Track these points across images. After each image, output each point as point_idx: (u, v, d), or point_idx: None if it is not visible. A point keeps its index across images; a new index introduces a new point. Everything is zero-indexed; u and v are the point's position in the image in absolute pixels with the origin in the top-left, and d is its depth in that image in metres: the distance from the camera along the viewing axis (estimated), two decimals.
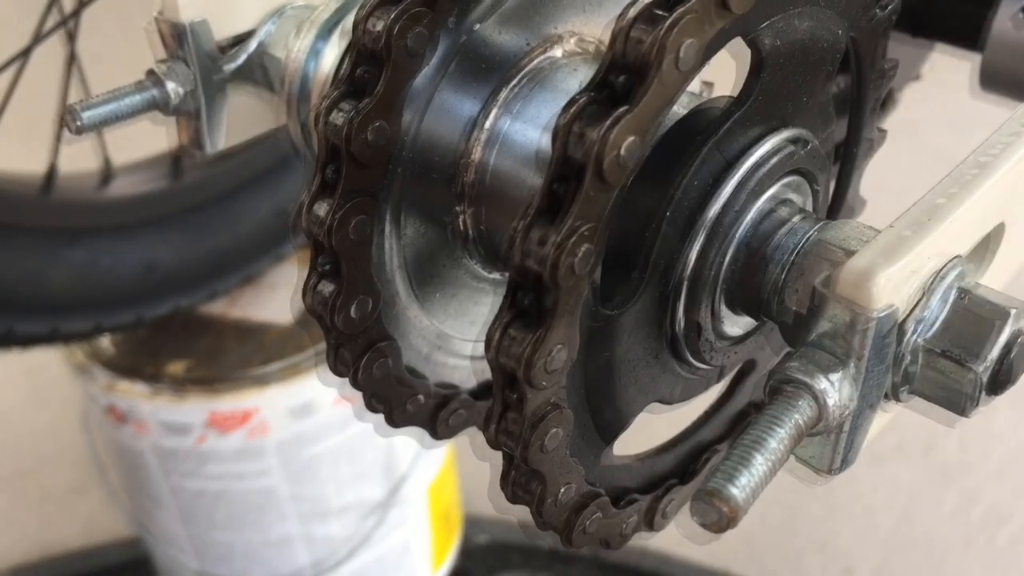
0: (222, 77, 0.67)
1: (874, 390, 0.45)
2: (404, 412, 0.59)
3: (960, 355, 0.45)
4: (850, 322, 0.43)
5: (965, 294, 0.46)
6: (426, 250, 0.57)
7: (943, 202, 0.46)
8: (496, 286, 0.61)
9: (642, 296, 0.50)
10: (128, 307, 1.26)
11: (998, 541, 1.97)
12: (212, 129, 0.68)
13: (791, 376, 0.44)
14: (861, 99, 0.59)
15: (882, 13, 0.56)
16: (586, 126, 0.42)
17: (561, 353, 0.45)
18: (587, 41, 0.58)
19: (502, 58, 0.55)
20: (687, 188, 0.49)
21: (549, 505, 0.50)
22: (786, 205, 0.52)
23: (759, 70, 0.50)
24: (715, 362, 0.54)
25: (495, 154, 0.55)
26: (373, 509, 1.50)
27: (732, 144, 0.50)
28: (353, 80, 0.51)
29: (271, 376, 1.34)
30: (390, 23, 0.49)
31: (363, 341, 0.55)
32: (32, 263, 1.16)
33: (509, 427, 0.47)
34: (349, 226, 0.52)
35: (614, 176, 0.43)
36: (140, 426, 1.37)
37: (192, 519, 1.46)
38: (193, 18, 0.64)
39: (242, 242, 1.36)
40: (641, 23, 0.43)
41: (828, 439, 0.46)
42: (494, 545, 1.92)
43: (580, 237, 0.43)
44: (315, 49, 0.64)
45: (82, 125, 0.64)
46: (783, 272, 0.50)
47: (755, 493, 0.41)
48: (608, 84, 0.43)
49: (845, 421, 0.45)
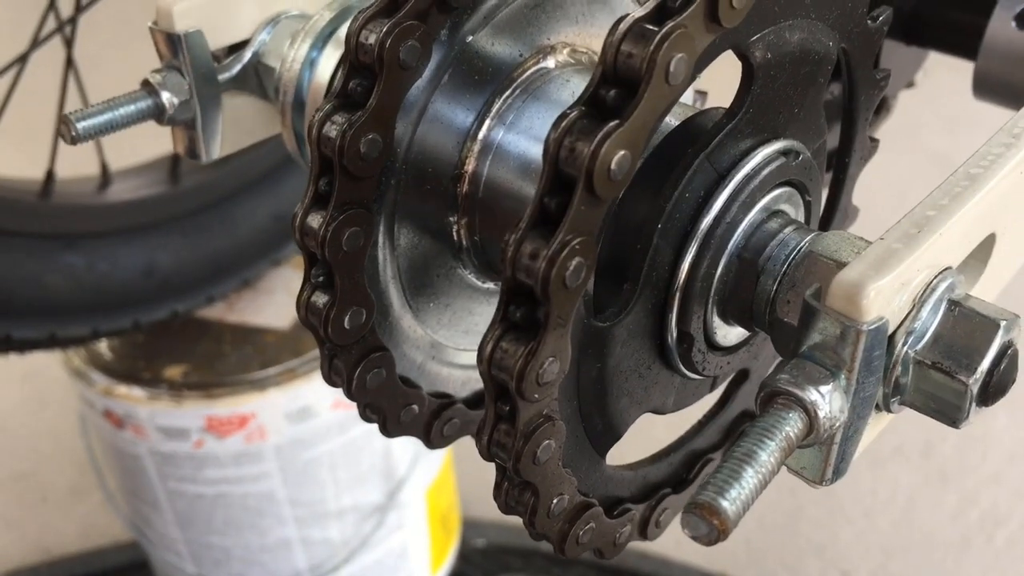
0: (217, 86, 0.67)
1: (865, 402, 0.45)
2: (398, 422, 0.59)
3: (951, 367, 0.45)
4: (840, 334, 0.44)
5: (956, 306, 0.46)
6: (420, 261, 0.57)
7: (933, 214, 0.46)
8: (490, 296, 0.61)
9: (634, 307, 0.50)
10: (126, 312, 1.27)
11: (996, 542, 1.97)
12: (208, 138, 0.68)
13: (781, 388, 0.44)
14: (854, 109, 0.59)
15: (874, 24, 0.56)
16: (577, 140, 0.42)
17: (553, 366, 0.45)
18: (580, 52, 0.58)
19: (495, 69, 0.55)
20: (679, 200, 0.49)
21: (542, 516, 0.50)
22: (778, 216, 0.52)
23: (750, 82, 0.50)
24: (708, 372, 0.55)
25: (489, 165, 0.55)
26: (371, 512, 1.50)
27: (724, 156, 0.50)
28: (346, 92, 0.51)
29: (269, 380, 1.34)
30: (383, 36, 0.49)
31: (357, 352, 0.55)
32: (29, 268, 1.16)
33: (501, 439, 0.47)
34: (342, 238, 0.52)
35: (605, 190, 0.43)
36: (138, 430, 1.37)
37: (189, 523, 1.47)
38: (188, 28, 0.64)
39: (239, 246, 1.36)
40: (631, 37, 0.43)
41: (819, 450, 0.46)
42: (492, 548, 1.92)
43: (572, 251, 0.43)
44: (310, 59, 0.64)
45: (77, 135, 0.64)
46: (775, 283, 0.51)
47: (746, 506, 0.41)
48: (599, 98, 0.44)
49: (836, 432, 0.45)
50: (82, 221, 1.23)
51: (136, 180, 1.30)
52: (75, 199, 1.24)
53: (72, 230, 1.21)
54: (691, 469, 0.61)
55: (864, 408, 0.45)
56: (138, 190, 1.29)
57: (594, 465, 0.53)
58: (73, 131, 0.64)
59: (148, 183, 1.30)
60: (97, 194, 1.26)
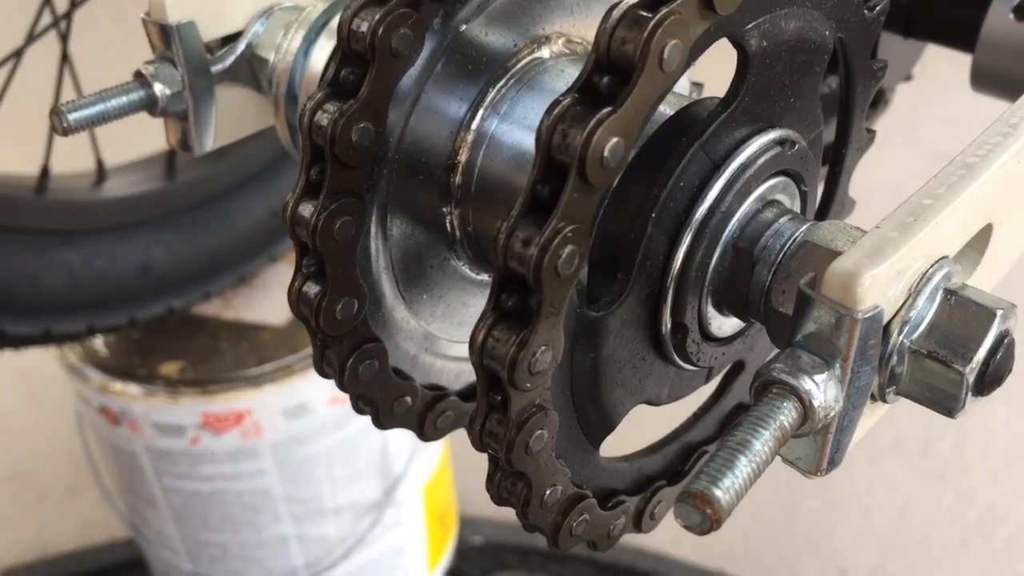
0: (210, 78, 0.66)
1: (860, 391, 0.45)
2: (391, 414, 0.59)
3: (947, 356, 0.45)
4: (836, 323, 0.43)
5: (952, 295, 0.46)
6: (413, 251, 0.57)
7: (930, 203, 0.46)
8: (484, 287, 0.60)
9: (628, 297, 0.49)
10: (121, 308, 1.26)
11: (994, 542, 1.96)
12: (201, 130, 0.68)
13: (776, 377, 0.44)
14: (850, 100, 0.59)
15: (871, 14, 0.56)
16: (570, 127, 0.42)
17: (546, 355, 0.45)
18: (574, 42, 0.58)
19: (489, 59, 0.55)
20: (673, 189, 0.49)
21: (535, 507, 0.50)
22: (773, 206, 0.52)
23: (746, 71, 0.49)
24: (703, 363, 0.54)
25: (482, 155, 0.55)
26: (368, 509, 1.50)
27: (719, 145, 0.50)
28: (338, 81, 0.51)
29: (265, 377, 1.34)
30: (375, 24, 0.49)
31: (349, 343, 0.55)
32: (25, 264, 1.15)
33: (493, 429, 0.47)
34: (334, 227, 0.51)
35: (598, 178, 0.43)
36: (134, 427, 1.37)
37: (186, 520, 1.46)
38: (180, 19, 0.64)
39: (236, 243, 1.36)
40: (625, 24, 0.43)
41: (814, 440, 0.46)
42: (489, 545, 1.91)
43: (564, 239, 0.43)
44: (303, 50, 0.64)
45: (69, 126, 0.63)
46: (770, 273, 0.50)
47: (739, 495, 0.41)
48: (592, 85, 0.43)
49: (831, 422, 0.45)
50: (77, 217, 1.23)
51: (132, 176, 1.29)
52: (70, 195, 1.23)
53: (67, 226, 1.21)
54: (686, 461, 0.61)
55: (859, 398, 0.45)
56: (134, 186, 1.28)
57: (588, 456, 0.53)
58: (65, 122, 0.63)
59: (144, 179, 1.29)
60: (93, 190, 1.26)
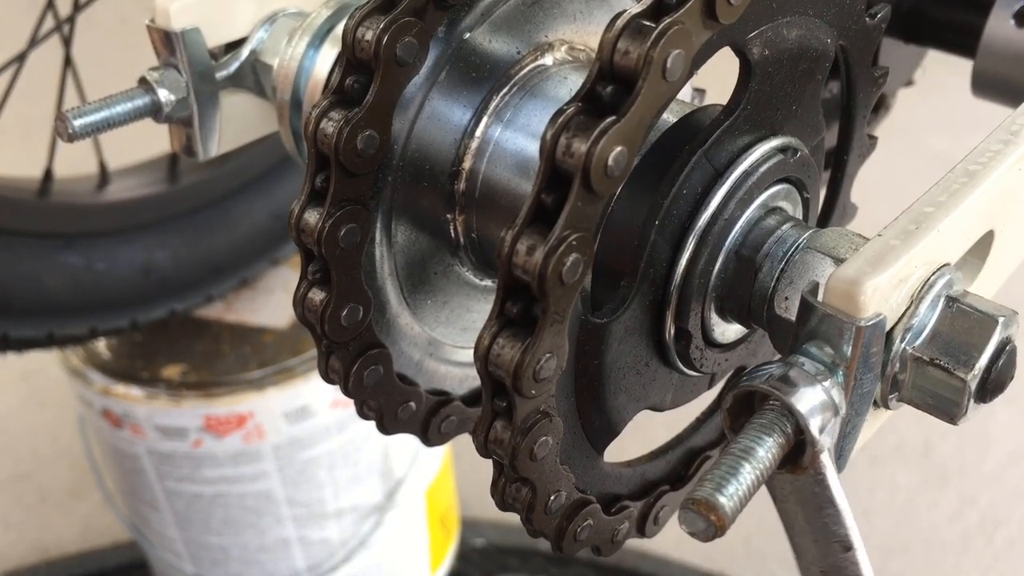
0: (214, 84, 0.67)
1: (863, 398, 0.45)
2: (396, 419, 0.59)
3: (949, 363, 0.45)
4: (838, 331, 0.43)
5: (954, 302, 0.46)
6: (417, 258, 0.57)
7: (931, 211, 0.46)
8: (488, 293, 0.61)
9: (632, 304, 0.50)
10: (124, 311, 1.27)
11: (996, 543, 1.97)
12: (205, 136, 0.68)
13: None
14: (852, 106, 0.59)
15: (872, 21, 0.56)
16: (574, 136, 0.42)
17: (550, 362, 0.45)
18: (577, 49, 0.58)
19: (492, 66, 0.55)
20: (676, 197, 0.49)
21: (539, 512, 0.50)
22: (776, 213, 0.52)
23: (748, 79, 0.50)
24: (706, 369, 0.55)
25: (486, 162, 0.55)
26: (370, 512, 1.50)
27: (721, 153, 0.50)
28: (343, 89, 0.51)
29: (267, 380, 1.34)
30: (379, 33, 0.49)
31: (354, 348, 0.55)
32: (28, 267, 1.16)
33: (498, 435, 0.47)
34: (339, 234, 0.52)
35: (602, 186, 0.43)
36: (136, 430, 1.37)
37: (188, 523, 1.46)
38: (185, 26, 0.64)
39: (238, 246, 1.36)
40: (628, 34, 0.43)
41: None
42: (491, 548, 1.92)
43: (569, 247, 0.43)
44: (307, 56, 0.64)
45: (74, 133, 0.64)
46: (773, 280, 0.50)
47: (743, 502, 0.41)
48: (596, 94, 0.43)
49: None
50: (80, 220, 1.23)
51: (135, 179, 1.30)
52: (73, 198, 1.24)
53: (70, 229, 1.21)
54: (689, 466, 0.61)
55: (862, 405, 0.45)
56: (136, 189, 1.28)
57: (592, 462, 0.53)
58: (70, 128, 0.64)
59: (146, 182, 1.29)
60: (95, 193, 1.26)
